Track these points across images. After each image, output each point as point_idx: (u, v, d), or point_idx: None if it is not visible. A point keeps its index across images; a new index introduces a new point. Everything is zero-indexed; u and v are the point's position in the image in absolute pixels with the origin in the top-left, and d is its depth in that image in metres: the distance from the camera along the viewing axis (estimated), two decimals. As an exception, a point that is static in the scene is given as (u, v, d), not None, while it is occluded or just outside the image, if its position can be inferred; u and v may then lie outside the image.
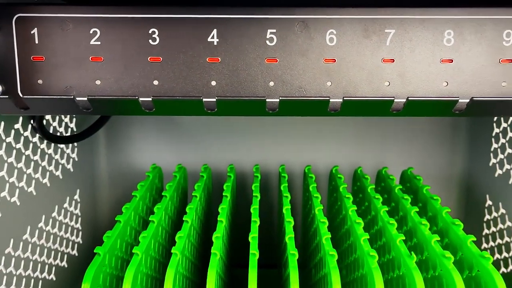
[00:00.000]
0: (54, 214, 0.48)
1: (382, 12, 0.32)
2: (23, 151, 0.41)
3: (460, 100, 0.32)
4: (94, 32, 0.31)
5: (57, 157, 0.48)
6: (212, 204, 0.59)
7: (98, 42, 0.31)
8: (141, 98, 0.32)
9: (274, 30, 0.32)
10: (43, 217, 0.45)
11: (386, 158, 0.63)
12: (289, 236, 0.40)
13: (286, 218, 0.42)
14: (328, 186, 0.60)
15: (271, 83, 0.32)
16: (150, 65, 0.32)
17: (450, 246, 0.42)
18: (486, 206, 0.56)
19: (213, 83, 0.32)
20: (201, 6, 0.32)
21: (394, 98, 0.32)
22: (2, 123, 0.38)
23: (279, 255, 0.53)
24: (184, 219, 0.41)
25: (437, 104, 0.33)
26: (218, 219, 0.42)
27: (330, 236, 0.39)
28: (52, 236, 0.47)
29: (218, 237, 0.39)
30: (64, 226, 0.50)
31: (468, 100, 0.32)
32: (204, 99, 0.32)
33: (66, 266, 0.50)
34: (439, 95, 0.33)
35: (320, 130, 0.62)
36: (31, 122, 0.42)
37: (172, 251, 0.36)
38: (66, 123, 0.51)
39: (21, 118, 0.41)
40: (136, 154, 0.63)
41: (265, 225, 0.63)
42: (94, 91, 0.32)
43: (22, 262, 0.41)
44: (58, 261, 0.48)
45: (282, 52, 0.32)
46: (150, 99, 0.32)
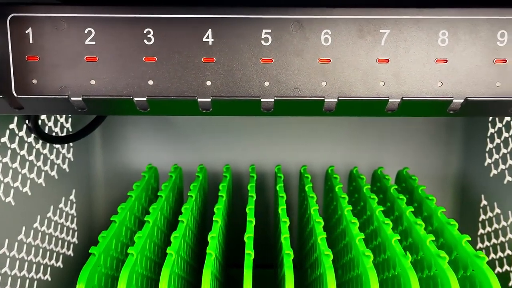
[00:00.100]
0: (50, 214, 0.47)
1: (377, 12, 0.32)
2: (18, 151, 0.41)
3: (454, 100, 0.32)
4: (89, 32, 0.31)
5: (52, 157, 0.48)
6: (208, 204, 0.59)
7: (93, 42, 0.31)
8: (135, 98, 0.32)
9: (269, 30, 0.32)
10: (38, 217, 0.45)
11: (381, 158, 0.63)
12: (284, 236, 0.40)
13: (282, 218, 0.42)
14: (324, 186, 0.60)
15: (266, 83, 0.32)
16: (145, 65, 0.32)
17: (445, 246, 0.42)
18: (481, 206, 0.56)
19: (208, 83, 0.32)
20: (196, 6, 0.32)
21: (388, 98, 0.32)
22: (-3, 123, 0.38)
23: (275, 255, 0.53)
24: (179, 219, 0.41)
25: (431, 104, 0.33)
26: (214, 219, 0.42)
27: (326, 236, 0.39)
28: (47, 236, 0.47)
29: (213, 237, 0.39)
30: (59, 226, 0.50)
31: (462, 100, 0.32)
32: (199, 99, 0.32)
33: (62, 266, 0.50)
34: (434, 95, 0.33)
35: (316, 130, 0.62)
36: (26, 122, 0.42)
37: (167, 251, 0.36)
38: (62, 123, 0.50)
39: (16, 118, 0.41)
40: (132, 154, 0.63)
41: (261, 225, 0.63)
42: (88, 91, 0.32)
43: (17, 262, 0.41)
44: (53, 261, 0.48)
45: (277, 52, 0.32)
46: (145, 99, 0.32)
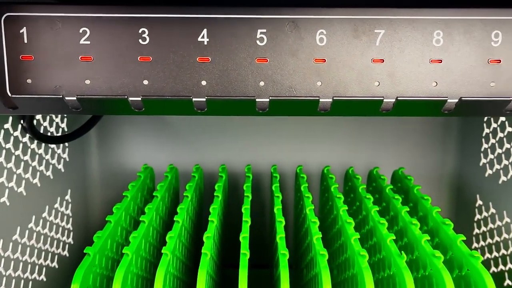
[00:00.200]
0: (45, 214, 0.47)
1: (372, 12, 0.32)
2: (13, 151, 0.41)
3: (449, 100, 0.33)
4: (84, 31, 0.31)
5: (47, 157, 0.48)
6: (203, 204, 0.59)
7: (88, 42, 0.31)
8: (130, 98, 0.32)
9: (264, 30, 0.32)
10: (33, 217, 0.45)
11: (377, 158, 0.63)
12: (280, 236, 0.40)
13: (277, 218, 0.42)
14: (320, 186, 0.60)
15: (261, 83, 0.32)
16: (140, 64, 0.32)
17: (440, 245, 0.42)
18: (477, 206, 0.56)
19: (203, 83, 0.32)
20: (191, 5, 0.32)
21: (383, 98, 0.32)
22: (-8, 123, 0.38)
23: (271, 255, 0.53)
24: (175, 219, 0.41)
25: (426, 104, 0.33)
26: (209, 219, 0.42)
27: (321, 236, 0.39)
28: (42, 236, 0.47)
29: (209, 237, 0.39)
30: (55, 226, 0.50)
31: (457, 100, 0.33)
32: (194, 99, 0.32)
33: (57, 267, 0.50)
34: (428, 95, 0.33)
35: (311, 130, 0.62)
36: (21, 122, 0.42)
37: (162, 251, 0.36)
38: (57, 123, 0.50)
39: (10, 118, 0.40)
40: (127, 154, 0.63)
41: (257, 225, 0.63)
42: (83, 91, 0.32)
43: (12, 263, 0.41)
44: (48, 261, 0.48)
45: (272, 52, 0.32)
46: (140, 99, 0.32)
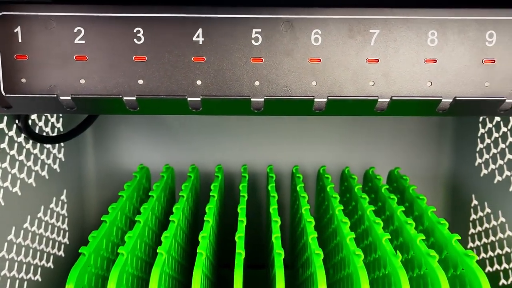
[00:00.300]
0: (40, 214, 0.47)
1: (366, 12, 0.32)
2: (8, 151, 0.41)
3: (443, 100, 0.33)
4: (79, 31, 0.31)
5: (43, 157, 0.48)
6: (199, 204, 0.59)
7: (83, 41, 0.31)
8: (125, 97, 0.32)
9: (259, 30, 0.32)
10: (29, 217, 0.45)
11: (373, 158, 0.63)
12: (275, 235, 0.40)
13: (273, 218, 0.42)
14: (316, 186, 0.60)
15: (257, 83, 0.32)
16: (135, 64, 0.32)
17: (435, 245, 0.42)
18: (472, 205, 0.57)
19: (198, 82, 0.32)
20: (186, 5, 0.32)
21: (378, 98, 0.32)
22: (-14, 123, 0.38)
23: (267, 255, 0.53)
24: (170, 219, 0.41)
25: (421, 103, 0.33)
26: (205, 219, 0.42)
27: (317, 235, 0.39)
28: (38, 236, 0.46)
29: (204, 236, 0.39)
30: (50, 226, 0.50)
31: (451, 100, 0.33)
32: (189, 98, 0.32)
33: (52, 267, 0.50)
34: (423, 95, 0.33)
35: (308, 130, 0.62)
36: (16, 121, 0.42)
37: (157, 251, 0.36)
38: (53, 123, 0.50)
39: (5, 118, 0.40)
40: (123, 154, 0.62)
41: (253, 225, 0.63)
42: (78, 90, 0.32)
43: (7, 263, 0.41)
44: (44, 262, 0.48)
45: (267, 51, 0.32)
46: (134, 98, 0.32)
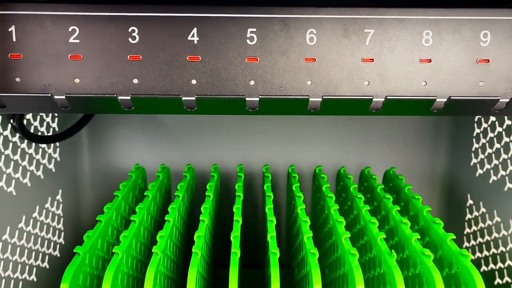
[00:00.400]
0: (35, 214, 0.47)
1: (361, 12, 0.32)
2: (3, 151, 0.41)
3: (438, 99, 0.33)
4: (73, 30, 0.31)
5: (38, 157, 0.48)
6: (195, 204, 0.58)
7: (77, 40, 0.31)
8: (120, 97, 0.32)
9: (255, 29, 0.32)
10: (24, 217, 0.44)
11: (369, 158, 0.63)
12: (271, 235, 0.40)
13: (269, 217, 0.42)
14: (311, 185, 0.60)
15: (252, 82, 0.32)
16: (130, 63, 0.32)
17: (431, 244, 0.42)
18: (467, 205, 0.57)
19: (193, 82, 0.32)
20: (181, 4, 0.32)
21: (372, 97, 0.32)
22: (-19, 122, 0.38)
23: (263, 255, 0.53)
24: (166, 219, 0.41)
25: (415, 103, 0.33)
26: (200, 219, 0.42)
27: (312, 235, 0.39)
28: (33, 236, 0.46)
29: (199, 236, 0.39)
30: (45, 226, 0.49)
31: (445, 99, 0.33)
32: (183, 98, 0.32)
33: (48, 267, 0.50)
34: (418, 94, 0.33)
35: (304, 130, 0.62)
36: (11, 121, 0.41)
37: (153, 250, 0.36)
38: (48, 123, 0.50)
39: (0, 117, 0.40)
40: (119, 154, 0.62)
41: (250, 225, 0.63)
42: (72, 90, 0.32)
43: (2, 263, 0.40)
44: (39, 261, 0.48)
45: (262, 51, 0.32)
46: (129, 98, 0.32)
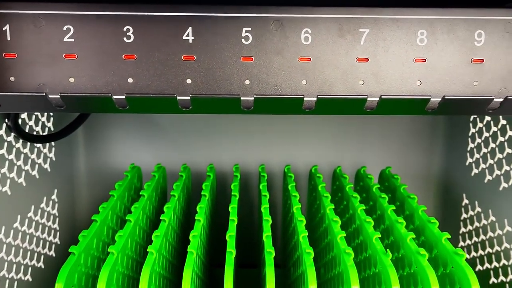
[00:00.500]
0: (31, 214, 0.47)
1: (356, 11, 0.33)
2: (-2, 150, 0.41)
3: (432, 98, 0.33)
4: (68, 29, 0.31)
5: (33, 156, 0.48)
6: (191, 204, 0.58)
7: (72, 40, 0.31)
8: (114, 96, 0.32)
9: (250, 29, 0.32)
10: (19, 217, 0.44)
11: (365, 157, 0.63)
12: (266, 234, 0.40)
13: (264, 217, 0.42)
14: (307, 185, 0.60)
15: (247, 81, 0.33)
16: (125, 62, 0.32)
17: (426, 243, 0.42)
18: (463, 204, 0.57)
19: (188, 81, 0.32)
20: (176, 4, 0.32)
21: (367, 97, 0.33)
22: (-25, 122, 0.37)
23: (259, 254, 0.53)
24: (161, 218, 0.41)
25: (410, 102, 0.33)
26: (196, 218, 0.42)
27: (308, 234, 0.39)
28: (28, 236, 0.46)
29: (195, 235, 0.39)
30: (41, 226, 0.49)
31: (440, 98, 0.33)
32: (178, 97, 0.32)
33: (43, 267, 0.50)
34: (412, 94, 0.33)
35: (300, 130, 0.62)
36: (6, 120, 0.41)
37: (148, 250, 0.36)
38: (43, 122, 0.50)
39: (-5, 117, 0.40)
40: (115, 153, 0.62)
41: (246, 225, 0.63)
42: (67, 89, 0.31)
43: (-4, 262, 0.40)
44: (34, 261, 0.48)
45: (257, 50, 0.32)
46: (124, 97, 0.32)
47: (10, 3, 0.31)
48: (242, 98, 0.32)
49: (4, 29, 0.31)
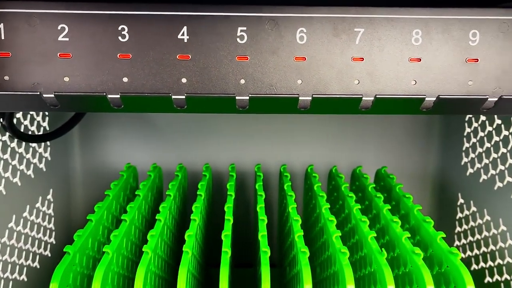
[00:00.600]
0: (26, 214, 0.47)
1: (351, 11, 0.33)
2: (-8, 150, 0.41)
3: (427, 98, 0.33)
4: (62, 28, 0.31)
5: (28, 156, 0.47)
6: (187, 204, 0.58)
7: (66, 39, 0.31)
8: (109, 95, 0.32)
9: (245, 28, 0.32)
10: (14, 217, 0.44)
11: (361, 157, 0.63)
12: (261, 234, 0.40)
13: (260, 216, 0.42)
14: (303, 185, 0.60)
15: (242, 81, 0.33)
16: (120, 62, 0.32)
17: (421, 243, 0.42)
18: (458, 204, 0.57)
19: (183, 80, 0.32)
20: (171, 3, 0.32)
21: (362, 96, 0.33)
22: (-30, 121, 0.37)
23: (255, 254, 0.53)
24: (156, 218, 0.41)
25: (405, 102, 0.33)
26: (191, 218, 0.42)
27: (303, 233, 0.39)
28: (23, 236, 0.46)
29: (190, 235, 0.39)
30: (36, 226, 0.49)
31: (435, 98, 0.33)
32: (173, 96, 0.32)
33: (39, 267, 0.50)
34: (407, 93, 0.33)
35: (296, 130, 0.62)
36: (1, 120, 0.41)
37: (143, 249, 0.36)
38: (38, 122, 0.50)
39: (-11, 116, 0.40)
40: (111, 153, 0.62)
41: (242, 224, 0.63)
42: (62, 88, 0.31)
43: (-9, 262, 0.40)
44: (29, 261, 0.48)
45: (252, 50, 0.32)
46: (118, 96, 0.32)
47: (4, 2, 0.31)
48: (237, 98, 0.32)
49: (-2, 28, 0.31)
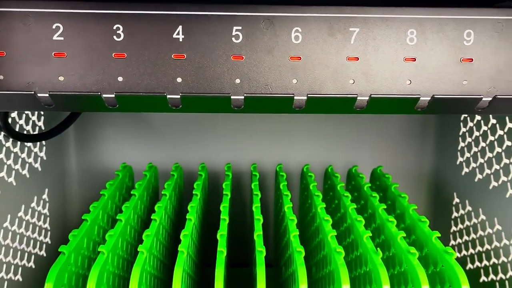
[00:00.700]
0: (21, 213, 0.47)
1: (346, 10, 0.33)
2: (-13, 149, 0.40)
3: (422, 98, 0.33)
4: (57, 27, 0.31)
5: (23, 155, 0.47)
6: (183, 203, 0.58)
7: (61, 38, 0.31)
8: (104, 95, 0.31)
9: (240, 28, 0.32)
10: (9, 216, 0.44)
11: (357, 156, 0.63)
12: (257, 233, 0.40)
13: (255, 216, 0.42)
14: (299, 184, 0.60)
15: (237, 80, 0.32)
16: (115, 61, 0.32)
17: (417, 242, 0.42)
18: (454, 203, 0.57)
19: (178, 80, 0.32)
20: (166, 2, 0.32)
21: (357, 96, 0.33)
22: (-36, 120, 0.37)
23: (250, 253, 0.53)
24: (152, 218, 0.41)
25: (399, 101, 0.33)
26: (187, 217, 0.41)
27: (299, 233, 0.39)
28: (18, 236, 0.46)
29: (186, 235, 0.39)
30: (31, 226, 0.49)
31: (429, 98, 0.33)
32: (168, 96, 0.32)
33: (34, 266, 0.49)
34: (402, 93, 0.33)
35: (292, 129, 0.62)
36: (-5, 119, 0.41)
37: (138, 249, 0.36)
38: (34, 121, 0.50)
39: (-16, 116, 0.40)
40: (106, 152, 0.62)
41: (238, 224, 0.63)
42: (56, 87, 0.31)
43: (-14, 262, 0.40)
44: (25, 261, 0.47)
45: (248, 49, 0.32)
46: (113, 96, 0.32)
47: (-2, 1, 0.31)
48: (232, 97, 0.32)
49: (-8, 27, 0.31)
